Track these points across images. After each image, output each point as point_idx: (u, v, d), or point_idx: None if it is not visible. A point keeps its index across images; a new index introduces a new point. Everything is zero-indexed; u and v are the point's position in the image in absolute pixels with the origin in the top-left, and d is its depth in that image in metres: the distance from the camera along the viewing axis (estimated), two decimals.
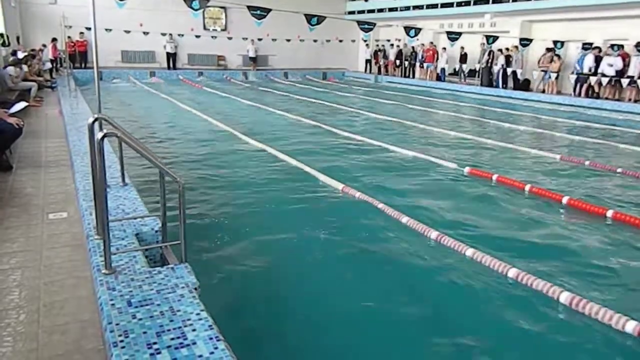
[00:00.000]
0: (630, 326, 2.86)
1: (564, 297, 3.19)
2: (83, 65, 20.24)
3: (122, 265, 2.77)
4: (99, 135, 2.68)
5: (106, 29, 18.78)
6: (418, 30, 16.93)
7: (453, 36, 16.60)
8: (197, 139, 8.50)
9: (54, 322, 2.43)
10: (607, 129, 11.24)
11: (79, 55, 20.14)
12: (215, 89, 17.33)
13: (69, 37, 17.65)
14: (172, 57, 22.38)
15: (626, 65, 14.90)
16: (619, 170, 6.95)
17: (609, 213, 5.00)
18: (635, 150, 8.80)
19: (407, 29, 16.62)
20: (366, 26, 15.46)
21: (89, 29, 16.14)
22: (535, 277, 3.43)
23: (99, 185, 2.86)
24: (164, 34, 21.92)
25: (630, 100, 14.96)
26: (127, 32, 20.73)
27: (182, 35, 22.45)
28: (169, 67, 22.31)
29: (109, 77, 19.42)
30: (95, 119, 3.46)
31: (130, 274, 2.68)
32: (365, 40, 24.64)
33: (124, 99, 13.85)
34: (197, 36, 22.85)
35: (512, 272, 3.55)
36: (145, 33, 21.39)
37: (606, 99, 15.40)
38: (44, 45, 17.96)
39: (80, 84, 14.93)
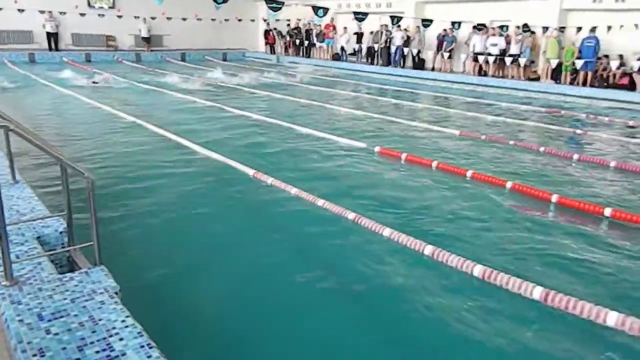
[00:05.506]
0: (537, 292, 3.09)
1: (477, 270, 3.37)
2: None
3: (26, 275, 2.47)
4: None
5: None
6: (326, 10, 17.04)
7: (360, 16, 16.91)
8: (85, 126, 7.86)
9: None
10: (495, 104, 12.13)
11: None
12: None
13: None
14: (53, 37, 20.34)
15: (508, 44, 16.21)
16: (511, 142, 7.54)
17: (508, 184, 5.40)
18: (522, 123, 9.62)
19: (315, 9, 16.61)
20: (274, 5, 15.06)
21: None
22: (450, 253, 3.56)
23: None
24: (42, 12, 19.83)
25: (512, 77, 16.34)
26: None
27: (64, 13, 20.47)
28: (50, 49, 20.28)
29: None
30: None
31: (36, 284, 2.39)
32: (265, 20, 24.20)
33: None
34: (82, 14, 20.95)
35: (428, 250, 3.66)
36: (21, 10, 19.19)
37: (492, 76, 16.68)
38: None
39: None
